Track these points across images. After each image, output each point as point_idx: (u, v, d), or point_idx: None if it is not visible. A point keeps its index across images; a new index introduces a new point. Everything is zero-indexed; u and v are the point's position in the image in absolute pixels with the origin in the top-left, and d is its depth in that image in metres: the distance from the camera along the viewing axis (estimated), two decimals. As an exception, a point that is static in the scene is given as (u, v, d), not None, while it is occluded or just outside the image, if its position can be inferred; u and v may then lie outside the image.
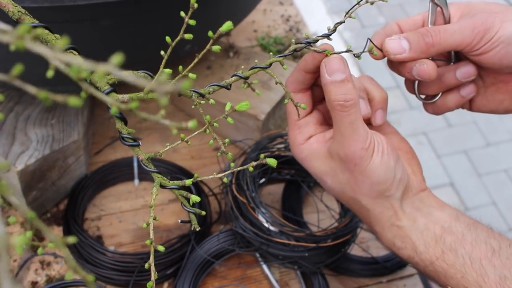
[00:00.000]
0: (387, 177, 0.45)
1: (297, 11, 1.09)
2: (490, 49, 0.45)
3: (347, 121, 0.44)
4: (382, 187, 0.46)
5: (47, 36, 0.39)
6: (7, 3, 0.38)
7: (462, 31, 0.45)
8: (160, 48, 0.41)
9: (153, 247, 0.38)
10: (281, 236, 0.62)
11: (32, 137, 0.64)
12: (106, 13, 0.53)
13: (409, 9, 2.57)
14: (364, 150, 0.44)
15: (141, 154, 0.39)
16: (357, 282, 0.69)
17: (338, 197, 0.50)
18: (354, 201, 0.48)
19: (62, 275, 0.64)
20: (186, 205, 0.39)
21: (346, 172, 0.46)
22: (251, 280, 0.67)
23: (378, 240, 0.74)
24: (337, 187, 0.48)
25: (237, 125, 0.78)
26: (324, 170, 0.48)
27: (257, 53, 0.87)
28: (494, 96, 0.51)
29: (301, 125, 0.49)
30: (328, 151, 0.47)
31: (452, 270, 0.45)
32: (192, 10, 0.37)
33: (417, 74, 0.47)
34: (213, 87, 0.42)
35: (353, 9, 0.45)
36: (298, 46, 0.45)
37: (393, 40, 0.47)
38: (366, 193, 0.46)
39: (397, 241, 0.47)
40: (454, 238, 0.46)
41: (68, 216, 0.67)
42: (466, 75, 0.49)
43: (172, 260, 0.64)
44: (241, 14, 0.75)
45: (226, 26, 0.39)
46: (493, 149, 2.07)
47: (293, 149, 0.50)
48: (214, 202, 0.73)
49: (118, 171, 0.74)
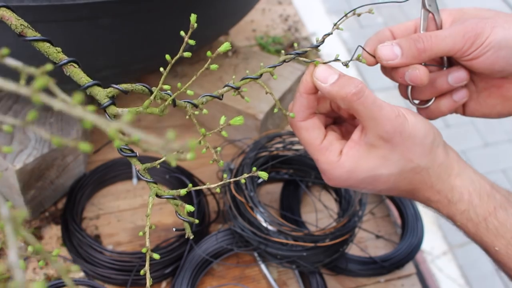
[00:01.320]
0: (429, 128, 0.46)
1: (295, 11, 1.09)
2: (480, 54, 0.46)
3: (369, 102, 0.43)
4: (429, 139, 0.45)
5: (48, 49, 0.39)
6: (10, 16, 0.38)
7: (453, 36, 0.46)
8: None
9: (149, 255, 0.38)
10: (279, 236, 0.62)
11: (30, 136, 0.64)
12: (105, 12, 0.53)
13: (408, 10, 2.57)
14: (399, 117, 0.44)
15: (138, 164, 0.40)
16: (355, 281, 0.69)
17: (397, 186, 0.48)
18: (413, 172, 0.46)
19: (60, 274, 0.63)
20: (180, 214, 0.39)
21: (395, 149, 0.45)
22: (249, 280, 0.67)
23: (376, 240, 0.74)
24: (394, 171, 0.46)
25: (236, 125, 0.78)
26: (374, 165, 0.46)
27: (256, 53, 0.87)
28: (486, 101, 0.52)
29: (327, 146, 0.47)
30: (368, 145, 0.45)
31: (503, 229, 0.45)
32: (192, 30, 0.37)
33: (409, 79, 0.47)
34: (206, 97, 0.44)
35: (340, 21, 0.46)
36: (288, 57, 0.45)
37: (386, 46, 0.47)
38: (421, 152, 0.45)
39: (455, 193, 0.46)
40: (501, 196, 0.46)
41: (67, 215, 0.67)
42: (458, 80, 0.50)
43: (170, 260, 0.64)
44: (240, 13, 0.75)
45: (224, 47, 0.40)
46: (491, 150, 2.08)
47: (332, 170, 0.47)
48: (212, 201, 0.73)
49: (117, 170, 0.74)
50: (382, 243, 0.74)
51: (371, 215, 0.77)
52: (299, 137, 0.48)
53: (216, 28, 0.71)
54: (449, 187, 0.47)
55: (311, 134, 0.47)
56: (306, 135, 0.47)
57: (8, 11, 0.39)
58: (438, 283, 1.58)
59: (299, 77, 0.81)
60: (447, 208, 0.47)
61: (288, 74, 0.81)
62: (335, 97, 0.44)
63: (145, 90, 0.40)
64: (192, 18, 0.37)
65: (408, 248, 0.71)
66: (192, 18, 0.37)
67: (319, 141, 0.47)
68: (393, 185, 0.47)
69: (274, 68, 0.45)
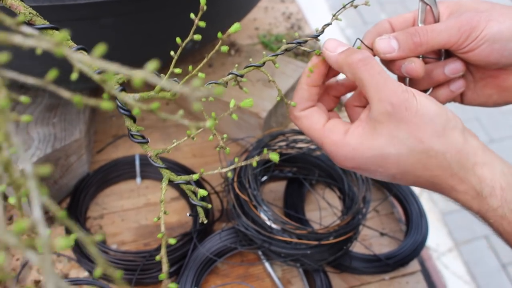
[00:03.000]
0: (441, 109, 0.43)
1: (298, 9, 1.08)
2: (476, 47, 0.47)
3: (375, 72, 0.42)
4: (443, 118, 0.42)
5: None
6: (19, 4, 0.38)
7: (448, 30, 0.47)
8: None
9: (165, 240, 0.38)
10: (283, 234, 0.62)
11: (34, 136, 0.64)
12: (106, 11, 0.53)
13: (411, 5, 2.56)
14: (406, 92, 0.42)
15: (150, 150, 0.40)
16: (359, 279, 0.69)
17: (412, 171, 0.44)
18: (427, 156, 0.42)
19: (65, 273, 0.64)
20: (193, 199, 0.39)
21: (402, 125, 0.42)
22: (253, 278, 0.67)
23: (380, 237, 0.74)
24: (403, 151, 0.43)
25: (239, 123, 0.78)
26: (380, 142, 0.43)
27: (259, 51, 0.87)
28: (483, 91, 0.53)
29: (330, 127, 0.46)
30: (373, 121, 0.43)
31: None
32: (202, 12, 0.37)
33: (406, 71, 0.48)
34: (211, 85, 0.43)
35: (339, 12, 0.47)
36: (289, 46, 0.46)
37: (383, 40, 0.48)
38: (432, 132, 0.42)
39: (484, 186, 0.42)
40: None
41: (71, 215, 0.67)
42: (454, 71, 0.51)
43: (175, 258, 0.64)
44: (243, 11, 0.75)
45: (234, 28, 0.39)
46: (496, 146, 2.07)
47: (337, 150, 0.45)
48: (216, 200, 0.73)
49: (120, 170, 0.74)
50: (386, 241, 0.74)
51: (375, 213, 0.77)
52: (300, 126, 0.47)
53: (218, 27, 0.71)
54: (475, 178, 0.42)
55: (312, 119, 0.46)
56: (307, 122, 0.47)
57: (16, 0, 0.39)
58: (444, 280, 1.57)
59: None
60: (477, 202, 0.43)
61: (291, 72, 0.81)
62: (342, 65, 0.44)
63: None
64: (202, 0, 0.36)
65: (413, 246, 0.70)
66: (202, 0, 0.36)
67: (321, 124, 0.46)
68: (406, 169, 0.44)
69: (276, 56, 0.46)
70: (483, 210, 0.43)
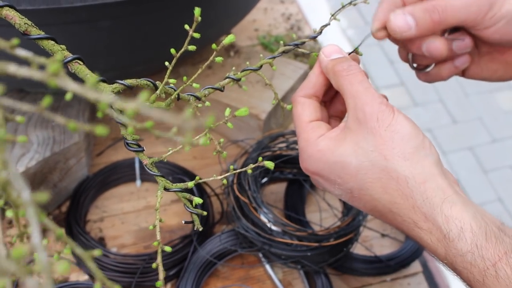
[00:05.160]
0: (417, 132, 0.40)
1: (298, 10, 1.08)
2: (492, 24, 0.45)
3: (356, 81, 0.41)
4: (416, 142, 0.39)
5: (53, 47, 0.39)
6: (14, 15, 0.38)
7: (467, 7, 0.44)
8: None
9: (160, 248, 0.38)
10: (283, 236, 0.61)
11: (33, 139, 0.64)
12: (103, 14, 0.53)
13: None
14: (383, 104, 0.40)
15: (145, 159, 0.40)
16: (360, 281, 0.68)
17: (370, 190, 0.41)
18: (387, 176, 0.39)
19: (65, 277, 0.63)
20: (189, 206, 0.39)
21: (370, 136, 0.40)
22: (254, 280, 0.66)
23: (381, 239, 0.73)
24: (364, 163, 0.40)
25: (239, 125, 0.77)
26: (345, 150, 0.41)
27: (258, 52, 0.87)
28: (488, 65, 0.51)
29: (313, 126, 0.45)
30: (346, 128, 0.42)
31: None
32: (196, 23, 0.37)
33: (428, 51, 0.46)
34: (208, 89, 0.44)
35: (337, 12, 0.46)
36: (287, 48, 0.46)
37: (399, 16, 0.44)
38: (400, 152, 0.39)
39: (452, 227, 0.37)
40: (511, 240, 0.37)
41: (70, 218, 0.67)
42: (463, 47, 0.49)
43: (175, 261, 0.64)
44: (242, 12, 0.75)
45: (229, 39, 0.40)
46: (499, 145, 2.06)
47: (306, 148, 0.44)
48: (216, 202, 0.73)
49: (120, 173, 0.74)
50: (387, 242, 0.73)
51: (376, 214, 0.77)
52: (293, 110, 0.46)
53: (217, 28, 0.71)
54: (442, 216, 0.37)
55: (304, 110, 0.46)
56: (299, 110, 0.46)
57: (11, 10, 0.39)
58: (447, 281, 1.56)
59: (302, 76, 0.81)
60: (443, 245, 0.38)
61: (290, 73, 0.81)
62: (329, 72, 0.44)
63: (150, 84, 0.40)
64: (196, 12, 0.37)
65: (414, 247, 0.70)
66: (196, 12, 0.37)
67: (308, 119, 0.45)
68: (364, 185, 0.41)
69: (274, 59, 0.46)
70: (450, 255, 0.38)
